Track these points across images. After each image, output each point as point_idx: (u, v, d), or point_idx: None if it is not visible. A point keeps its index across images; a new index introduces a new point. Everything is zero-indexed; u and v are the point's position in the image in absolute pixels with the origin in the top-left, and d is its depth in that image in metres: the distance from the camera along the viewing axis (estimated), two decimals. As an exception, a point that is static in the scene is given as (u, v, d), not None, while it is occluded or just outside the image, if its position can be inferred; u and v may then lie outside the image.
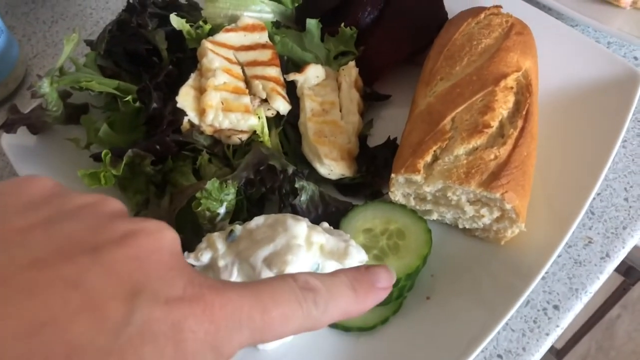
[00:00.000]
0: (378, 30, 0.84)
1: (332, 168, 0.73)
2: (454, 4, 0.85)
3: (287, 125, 0.79)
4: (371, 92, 0.83)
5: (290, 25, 0.88)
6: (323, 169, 0.74)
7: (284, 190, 0.70)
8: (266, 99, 0.76)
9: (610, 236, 0.73)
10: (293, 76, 0.78)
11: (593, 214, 0.75)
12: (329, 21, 0.85)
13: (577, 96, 0.80)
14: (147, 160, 0.71)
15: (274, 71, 0.78)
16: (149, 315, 0.27)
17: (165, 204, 0.69)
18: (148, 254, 0.30)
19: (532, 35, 0.78)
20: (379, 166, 0.76)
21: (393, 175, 0.68)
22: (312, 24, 0.84)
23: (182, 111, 0.72)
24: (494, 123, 0.67)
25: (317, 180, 0.74)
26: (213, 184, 0.65)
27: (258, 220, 0.63)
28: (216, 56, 0.76)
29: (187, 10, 0.90)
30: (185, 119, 0.73)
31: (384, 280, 0.41)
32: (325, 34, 0.85)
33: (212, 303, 0.30)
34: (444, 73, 0.74)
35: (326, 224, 0.66)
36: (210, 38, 0.78)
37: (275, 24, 0.86)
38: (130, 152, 0.70)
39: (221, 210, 0.66)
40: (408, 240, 0.68)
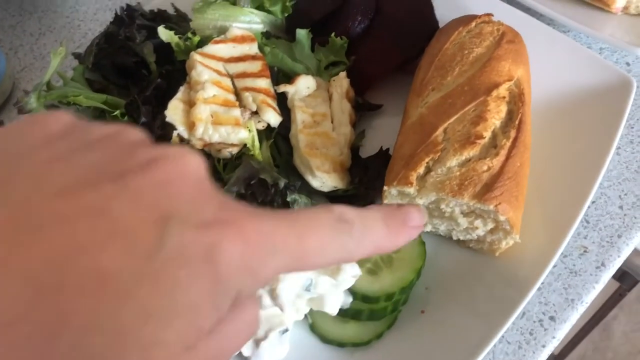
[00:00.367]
0: (369, 39, 0.84)
1: (325, 180, 0.72)
2: (445, 12, 0.85)
3: (279, 137, 0.78)
4: (363, 102, 0.82)
5: (281, 35, 0.87)
6: (315, 182, 0.73)
7: (275, 204, 0.69)
8: (256, 111, 0.75)
9: (606, 245, 0.73)
10: (284, 87, 0.78)
11: (588, 222, 0.75)
12: (320, 31, 0.84)
13: (570, 103, 0.80)
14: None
15: (264, 83, 0.77)
16: (181, 240, 0.26)
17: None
18: (174, 179, 0.29)
19: (524, 44, 0.78)
20: (371, 177, 0.75)
21: (385, 187, 0.67)
22: (302, 34, 0.83)
23: (172, 125, 0.71)
24: (487, 134, 0.66)
25: (310, 193, 0.73)
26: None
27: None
28: (205, 68, 0.75)
29: (176, 22, 0.89)
30: (174, 133, 0.72)
31: (416, 218, 0.40)
32: (315, 44, 0.84)
33: (246, 226, 0.29)
34: (435, 83, 0.73)
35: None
36: (199, 50, 0.77)
37: (265, 34, 0.85)
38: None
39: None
40: (402, 253, 0.67)
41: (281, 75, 0.82)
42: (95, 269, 0.24)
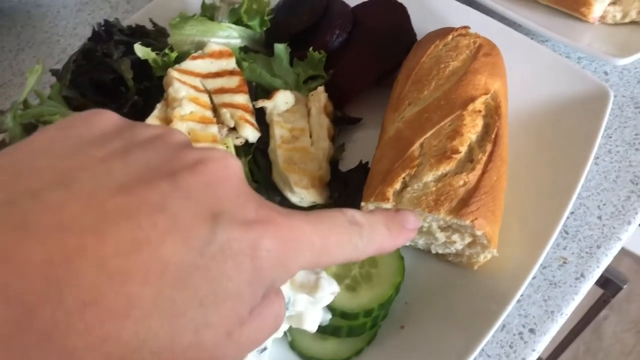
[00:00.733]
0: (347, 53, 0.84)
1: (303, 196, 0.72)
2: (422, 24, 0.85)
3: (258, 152, 0.78)
4: (342, 116, 0.82)
5: (259, 49, 0.87)
6: (294, 197, 0.73)
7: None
8: (234, 127, 0.75)
9: (585, 256, 0.73)
10: (262, 103, 0.78)
11: (567, 233, 0.75)
12: (298, 45, 0.84)
13: (548, 113, 0.80)
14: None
15: (242, 98, 0.77)
16: (229, 235, 0.30)
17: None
18: (219, 180, 0.32)
19: (501, 56, 0.78)
20: (351, 191, 0.75)
21: (363, 203, 0.67)
22: (281, 49, 0.83)
23: (149, 143, 0.71)
24: (463, 148, 0.66)
25: (289, 208, 0.73)
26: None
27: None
28: (183, 85, 0.75)
29: (155, 37, 0.89)
30: (151, 151, 0.71)
31: (412, 222, 0.47)
32: (294, 58, 0.84)
33: (282, 225, 0.33)
34: (412, 98, 0.73)
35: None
36: (176, 66, 0.77)
37: (244, 49, 0.85)
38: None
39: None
40: (381, 269, 0.67)
41: (260, 90, 0.82)
42: (157, 258, 0.28)
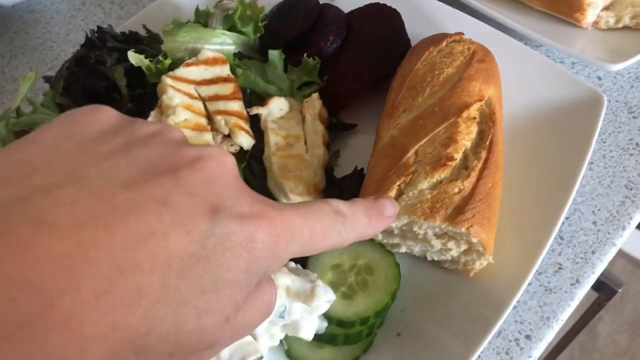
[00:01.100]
0: (341, 59, 0.84)
1: (298, 203, 0.72)
2: (417, 30, 0.85)
3: (253, 159, 0.78)
4: (337, 122, 0.82)
5: (254, 56, 0.87)
6: (289, 205, 0.72)
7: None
8: (229, 135, 0.74)
9: (580, 261, 0.73)
10: (256, 110, 0.77)
11: (562, 239, 0.75)
12: (292, 51, 0.84)
13: (542, 119, 0.80)
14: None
15: (237, 105, 0.76)
16: (227, 229, 0.33)
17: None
18: (217, 176, 0.35)
19: (495, 62, 0.78)
20: (346, 198, 0.75)
21: (358, 211, 0.67)
22: (275, 55, 0.83)
23: (143, 151, 0.71)
24: (457, 155, 0.66)
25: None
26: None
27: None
28: (177, 92, 0.74)
29: (148, 43, 0.89)
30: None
31: (390, 209, 0.49)
32: (288, 65, 0.84)
33: (275, 218, 0.36)
34: (406, 105, 0.73)
35: (292, 264, 0.65)
36: (170, 73, 0.77)
37: (238, 55, 0.85)
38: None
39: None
40: (377, 276, 0.67)
41: (254, 97, 0.82)
42: (163, 250, 0.30)
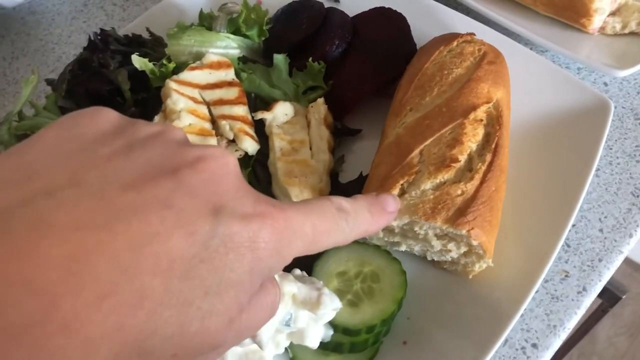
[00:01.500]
0: (346, 63, 0.83)
1: (303, 209, 0.71)
2: (423, 35, 0.85)
3: (257, 164, 0.77)
4: (342, 127, 0.81)
5: (258, 59, 0.86)
6: (294, 210, 0.72)
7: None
8: (234, 140, 0.74)
9: (587, 269, 0.72)
10: (261, 114, 0.77)
11: (569, 246, 0.74)
12: (297, 55, 0.83)
13: (549, 125, 0.80)
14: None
15: (242, 110, 0.76)
16: (230, 229, 0.32)
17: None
18: (219, 177, 0.34)
19: (506, 64, 0.77)
20: (351, 204, 0.74)
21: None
22: (280, 59, 0.82)
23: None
24: (462, 157, 0.66)
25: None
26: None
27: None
28: (181, 97, 0.74)
29: (151, 46, 0.88)
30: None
31: (392, 205, 0.49)
32: (293, 69, 0.83)
33: (278, 218, 0.35)
34: (413, 103, 0.72)
35: (298, 271, 0.64)
36: (174, 77, 0.76)
37: (242, 59, 0.84)
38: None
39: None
40: (383, 284, 0.67)
41: (259, 101, 0.81)
42: (165, 252, 0.30)
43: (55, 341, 0.26)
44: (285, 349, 0.65)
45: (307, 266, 0.67)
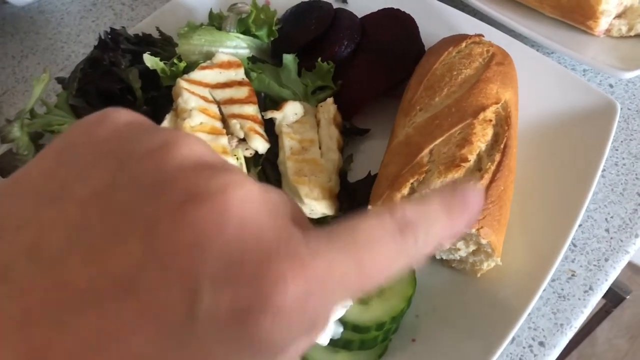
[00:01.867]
0: (355, 64, 0.84)
1: (314, 208, 0.72)
2: (431, 36, 0.85)
3: (267, 163, 0.78)
4: (350, 127, 0.82)
5: (267, 59, 0.87)
6: (305, 209, 0.72)
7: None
8: (244, 139, 0.74)
9: (593, 269, 0.73)
10: (271, 114, 0.77)
11: (575, 246, 0.75)
12: (306, 56, 0.84)
13: (555, 126, 0.80)
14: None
15: (252, 109, 0.76)
16: (215, 314, 0.24)
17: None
18: (208, 230, 0.25)
19: (513, 65, 0.78)
20: (360, 202, 0.75)
21: (370, 207, 0.67)
22: (289, 59, 0.83)
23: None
24: (472, 157, 0.67)
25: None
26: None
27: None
28: (192, 95, 0.74)
29: (161, 46, 0.89)
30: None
31: (474, 197, 0.33)
32: (302, 69, 0.84)
33: (297, 278, 0.24)
34: (423, 103, 0.73)
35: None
36: (185, 76, 0.77)
37: (252, 59, 0.85)
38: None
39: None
40: (392, 282, 0.67)
41: (268, 101, 0.82)
42: (127, 356, 0.24)
43: None
44: (295, 345, 0.66)
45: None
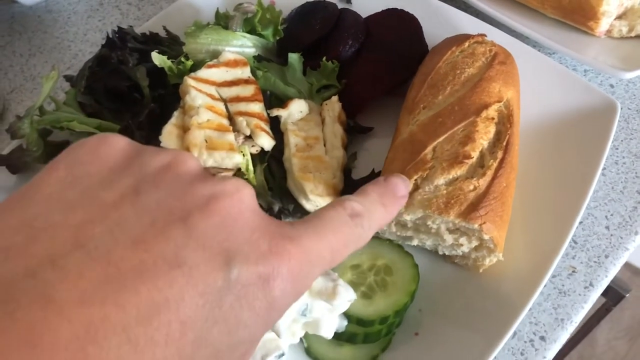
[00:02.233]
0: (359, 63, 0.85)
1: (318, 204, 0.73)
2: (434, 36, 0.86)
3: (272, 160, 0.79)
4: (354, 125, 0.83)
5: (272, 58, 0.88)
6: (309, 205, 0.73)
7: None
8: (250, 136, 0.76)
9: (593, 265, 0.74)
10: (277, 112, 0.78)
11: (576, 242, 0.76)
12: (311, 55, 0.85)
13: (557, 125, 0.82)
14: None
15: (257, 107, 0.78)
16: (245, 280, 0.31)
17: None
18: (233, 220, 0.32)
19: (515, 65, 0.80)
20: (364, 200, 0.76)
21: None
22: (294, 58, 0.84)
23: (166, 150, 0.72)
24: (475, 154, 0.68)
25: (303, 216, 0.74)
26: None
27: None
28: (199, 93, 0.75)
29: (168, 44, 0.90)
30: (169, 159, 0.72)
31: (402, 188, 0.46)
32: (307, 68, 0.85)
33: (294, 255, 0.33)
34: (426, 102, 0.74)
35: (314, 263, 0.66)
36: (192, 74, 0.78)
37: (257, 57, 0.86)
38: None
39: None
40: (395, 277, 0.68)
41: (274, 99, 0.83)
42: (178, 320, 0.28)
43: None
44: (301, 339, 0.67)
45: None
